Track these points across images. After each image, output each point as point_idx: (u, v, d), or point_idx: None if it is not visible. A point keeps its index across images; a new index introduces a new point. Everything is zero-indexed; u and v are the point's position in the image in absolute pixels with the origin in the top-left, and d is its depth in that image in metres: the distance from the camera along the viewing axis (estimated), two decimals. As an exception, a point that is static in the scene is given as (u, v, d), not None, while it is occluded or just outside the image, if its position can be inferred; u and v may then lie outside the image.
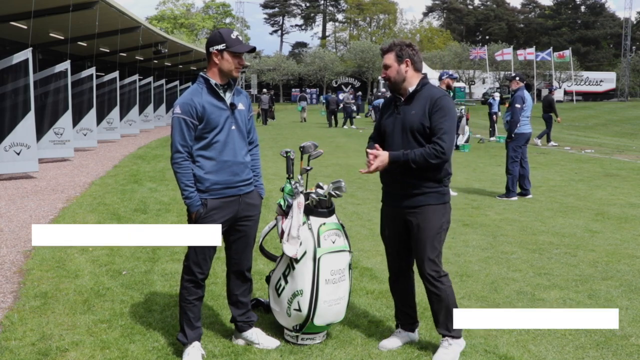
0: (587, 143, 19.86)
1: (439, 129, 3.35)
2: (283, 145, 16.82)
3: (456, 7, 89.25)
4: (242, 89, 3.67)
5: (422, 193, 3.45)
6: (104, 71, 20.48)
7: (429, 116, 3.39)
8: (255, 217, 3.65)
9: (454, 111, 3.47)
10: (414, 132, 3.42)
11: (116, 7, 15.00)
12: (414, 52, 3.51)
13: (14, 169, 10.70)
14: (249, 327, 3.72)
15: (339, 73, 62.67)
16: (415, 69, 3.51)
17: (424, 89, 3.48)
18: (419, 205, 3.45)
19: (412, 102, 3.48)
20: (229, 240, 3.60)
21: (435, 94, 3.44)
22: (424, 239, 3.45)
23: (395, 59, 3.49)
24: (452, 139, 3.39)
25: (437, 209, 3.46)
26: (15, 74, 10.53)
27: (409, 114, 3.46)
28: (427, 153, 3.33)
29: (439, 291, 3.47)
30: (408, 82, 3.50)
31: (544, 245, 6.16)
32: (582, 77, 61.99)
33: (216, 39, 3.40)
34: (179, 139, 3.34)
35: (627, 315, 4.22)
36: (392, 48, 3.51)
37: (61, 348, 3.61)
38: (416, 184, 3.44)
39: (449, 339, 3.51)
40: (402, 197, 3.51)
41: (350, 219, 7.35)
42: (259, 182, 3.69)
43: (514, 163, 8.88)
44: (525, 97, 8.91)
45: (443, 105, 3.40)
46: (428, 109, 3.40)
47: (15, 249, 5.93)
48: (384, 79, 3.58)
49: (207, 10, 76.11)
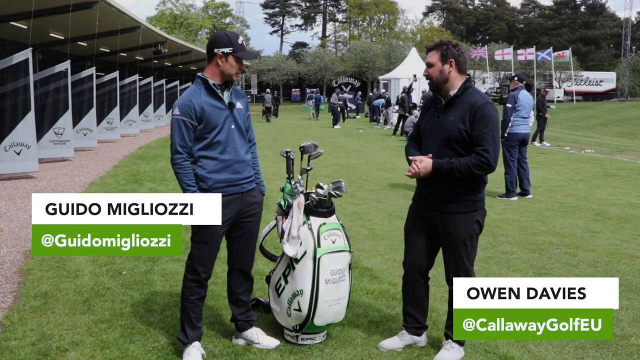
0: (587, 143, 19.86)
1: (482, 140, 3.25)
2: (283, 145, 16.82)
3: (456, 7, 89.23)
4: (239, 89, 3.66)
5: (454, 200, 3.39)
6: (104, 71, 20.47)
7: (470, 125, 3.29)
8: (258, 214, 3.67)
9: (497, 120, 3.35)
10: (450, 139, 3.33)
11: (116, 7, 15.01)
12: (460, 53, 3.39)
13: (14, 169, 10.70)
14: (249, 327, 3.72)
15: (339, 73, 62.60)
16: (460, 70, 3.40)
17: (466, 94, 3.36)
18: (450, 212, 3.40)
19: (452, 108, 3.37)
20: (232, 238, 3.60)
21: (478, 101, 3.31)
22: (453, 245, 3.43)
23: (440, 58, 3.38)
24: (496, 150, 3.28)
25: (468, 217, 3.41)
26: (15, 74, 10.52)
27: (447, 119, 3.36)
28: (473, 164, 3.25)
29: None
30: (450, 83, 3.39)
31: (544, 245, 6.16)
32: (582, 77, 61.97)
33: (224, 41, 3.39)
34: (178, 140, 3.35)
35: (627, 315, 4.22)
36: (438, 46, 3.40)
37: (61, 348, 3.61)
38: (449, 190, 3.38)
39: (452, 342, 3.50)
40: (434, 200, 3.46)
41: (350, 219, 7.35)
42: (259, 180, 3.71)
43: (510, 163, 8.87)
44: (518, 97, 8.83)
45: (486, 113, 3.28)
46: (469, 116, 3.29)
47: (15, 249, 5.93)
48: (426, 78, 3.47)
49: (206, 10, 76.09)
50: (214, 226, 3.38)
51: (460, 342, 3.52)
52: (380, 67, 58.00)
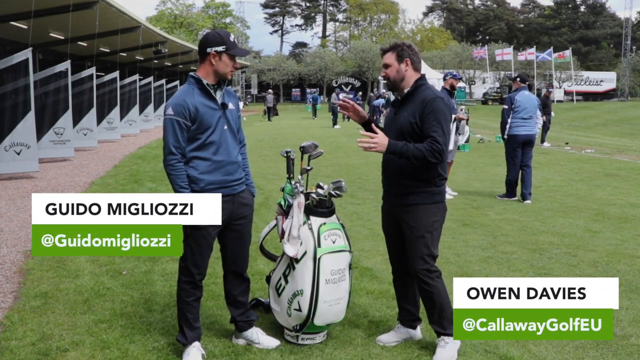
0: (587, 143, 19.86)
1: (432, 132, 3.35)
2: (283, 145, 16.83)
3: (456, 7, 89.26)
4: (231, 89, 3.64)
5: (412, 192, 3.51)
6: (104, 71, 20.48)
7: (420, 118, 3.41)
8: (249, 216, 3.64)
9: (446, 113, 3.45)
10: (404, 133, 3.46)
11: (116, 7, 15.02)
12: (414, 53, 3.57)
13: (14, 169, 10.70)
14: (249, 327, 3.71)
15: (339, 73, 62.65)
16: (415, 69, 3.57)
17: (419, 91, 3.50)
18: (410, 204, 3.52)
19: (406, 104, 3.53)
20: (225, 241, 3.58)
21: (428, 96, 3.44)
22: (413, 237, 3.52)
23: (396, 58, 3.55)
24: (445, 141, 3.38)
25: (428, 208, 3.51)
26: (15, 74, 10.52)
27: (402, 115, 3.51)
28: (426, 149, 3.33)
29: (430, 287, 3.50)
30: (406, 82, 3.56)
31: (544, 245, 6.16)
32: (582, 77, 62.00)
33: (216, 39, 3.37)
34: (172, 140, 3.30)
35: (627, 315, 4.22)
36: (393, 48, 3.57)
37: (61, 348, 3.61)
38: (408, 184, 3.51)
39: (444, 338, 3.53)
40: (396, 195, 3.61)
41: (350, 219, 7.35)
42: (249, 181, 3.69)
43: (510, 165, 8.77)
44: (515, 98, 8.64)
45: (435, 107, 3.40)
46: (419, 111, 3.42)
47: (15, 249, 5.93)
48: (384, 78, 3.63)
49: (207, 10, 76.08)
50: (206, 228, 3.35)
51: (452, 334, 3.50)
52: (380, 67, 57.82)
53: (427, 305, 3.57)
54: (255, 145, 17.74)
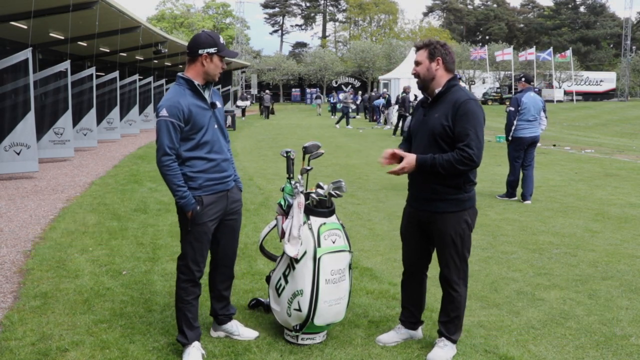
0: (587, 143, 19.86)
1: (465, 135, 3.26)
2: (283, 145, 16.82)
3: (456, 7, 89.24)
4: (215, 89, 3.66)
5: (441, 199, 3.41)
6: (104, 71, 20.47)
7: (452, 121, 3.30)
8: (240, 211, 3.73)
9: (480, 116, 3.34)
10: (435, 136, 3.35)
11: (116, 7, 14.99)
12: (447, 52, 3.46)
13: (14, 169, 10.70)
14: (228, 320, 3.79)
15: (339, 73, 62.64)
16: (447, 69, 3.45)
17: (450, 92, 3.40)
18: (438, 211, 3.43)
19: (437, 105, 3.42)
20: (217, 236, 3.63)
21: (460, 98, 3.33)
22: (443, 244, 3.47)
23: (427, 56, 3.44)
24: (479, 145, 3.27)
25: (457, 216, 3.42)
26: (15, 74, 10.52)
27: (432, 117, 3.40)
28: (455, 159, 3.25)
29: (456, 294, 3.49)
30: (437, 81, 3.45)
31: (544, 245, 6.16)
32: (582, 77, 61.99)
33: (208, 41, 3.41)
34: (167, 141, 3.32)
35: (627, 315, 4.22)
36: (426, 45, 3.47)
37: (61, 348, 3.61)
38: (437, 190, 3.41)
39: (445, 340, 3.53)
40: (424, 201, 3.50)
41: (350, 219, 7.35)
42: (236, 176, 3.75)
43: (512, 167, 8.74)
44: (522, 100, 8.55)
45: (468, 109, 3.29)
46: (452, 113, 3.31)
47: (15, 249, 5.93)
48: (414, 76, 3.53)
49: (207, 10, 76.09)
50: (206, 224, 3.45)
51: (453, 340, 3.55)
52: (380, 67, 57.99)
53: (447, 307, 3.54)
54: (255, 145, 17.74)
